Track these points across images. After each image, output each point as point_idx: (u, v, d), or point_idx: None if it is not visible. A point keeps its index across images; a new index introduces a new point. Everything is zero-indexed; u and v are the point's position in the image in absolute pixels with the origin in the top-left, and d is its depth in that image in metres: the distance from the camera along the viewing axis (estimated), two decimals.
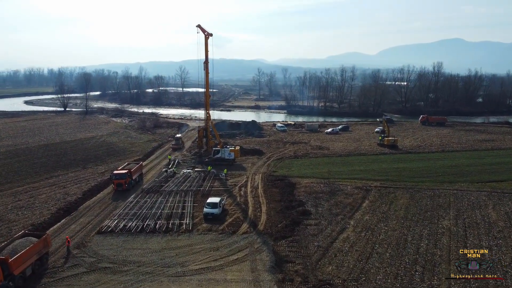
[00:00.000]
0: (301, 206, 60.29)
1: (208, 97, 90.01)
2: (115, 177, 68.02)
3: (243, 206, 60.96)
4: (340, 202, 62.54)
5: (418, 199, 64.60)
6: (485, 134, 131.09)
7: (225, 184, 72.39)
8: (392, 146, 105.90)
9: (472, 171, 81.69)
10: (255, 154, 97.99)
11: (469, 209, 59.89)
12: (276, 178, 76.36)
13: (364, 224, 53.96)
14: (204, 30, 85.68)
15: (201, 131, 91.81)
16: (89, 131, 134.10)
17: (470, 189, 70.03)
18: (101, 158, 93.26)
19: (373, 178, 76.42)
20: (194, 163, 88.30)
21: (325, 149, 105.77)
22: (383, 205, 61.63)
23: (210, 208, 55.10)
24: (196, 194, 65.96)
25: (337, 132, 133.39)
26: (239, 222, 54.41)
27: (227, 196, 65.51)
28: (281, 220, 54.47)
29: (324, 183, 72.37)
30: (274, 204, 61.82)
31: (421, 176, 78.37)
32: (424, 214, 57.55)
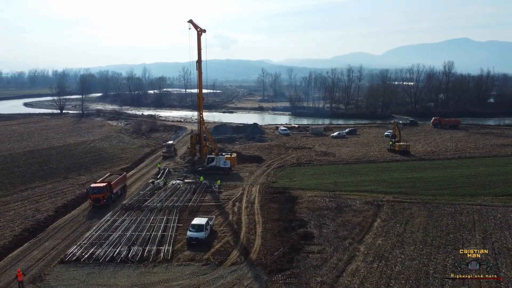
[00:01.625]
0: (303, 226, 52.15)
1: (201, 99, 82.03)
2: (92, 191, 60.18)
3: (235, 226, 52.81)
4: (348, 222, 54.27)
5: (437, 217, 56.15)
6: (503, 138, 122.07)
7: (217, 197, 64.24)
8: (404, 152, 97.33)
9: (494, 182, 73.10)
10: (254, 161, 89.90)
11: (497, 229, 51.43)
12: (276, 190, 68.25)
13: (376, 250, 45.60)
14: (196, 26, 77.80)
15: (193, 136, 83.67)
16: (80, 135, 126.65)
17: (495, 203, 61.53)
18: (86, 167, 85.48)
19: (384, 191, 68.07)
20: (186, 172, 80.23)
21: (330, 155, 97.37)
22: (398, 225, 53.27)
23: (194, 232, 47.01)
24: (183, 212, 57.90)
25: (343, 136, 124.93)
26: (229, 248, 46.23)
27: (218, 213, 57.49)
28: (278, 246, 46.25)
29: (330, 197, 64.14)
30: (271, 223, 53.65)
31: (439, 187, 69.90)
32: (446, 237, 49.11)
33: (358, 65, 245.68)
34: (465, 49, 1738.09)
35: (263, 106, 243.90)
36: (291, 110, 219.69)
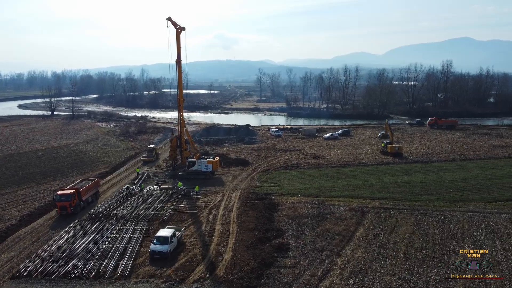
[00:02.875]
0: (279, 237, 48.53)
1: (181, 100, 78.43)
2: (59, 199, 56.58)
3: (207, 237, 49.20)
4: (328, 231, 50.66)
5: (424, 225, 52.51)
6: (501, 139, 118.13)
7: (193, 205, 60.64)
8: (396, 154, 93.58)
9: (489, 186, 69.37)
10: (240, 164, 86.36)
11: (488, 239, 47.69)
12: (257, 196, 64.68)
13: (354, 264, 41.94)
14: (175, 23, 74.26)
15: (173, 139, 79.93)
16: (66, 138, 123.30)
17: (488, 210, 57.81)
18: (63, 171, 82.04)
19: (371, 196, 64.40)
20: (166, 176, 76.69)
21: (320, 158, 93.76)
22: (381, 235, 49.64)
23: (158, 245, 43.36)
24: (153, 221, 54.23)
25: (336, 137, 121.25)
26: (195, 263, 42.61)
27: (191, 223, 53.89)
28: (249, 260, 42.65)
29: (312, 204, 60.55)
30: (246, 234, 50.05)
31: (429, 192, 66.25)
32: (431, 249, 45.41)
33: (356, 64, 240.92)
34: (467, 49, 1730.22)
35: (259, 107, 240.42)
36: (287, 110, 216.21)
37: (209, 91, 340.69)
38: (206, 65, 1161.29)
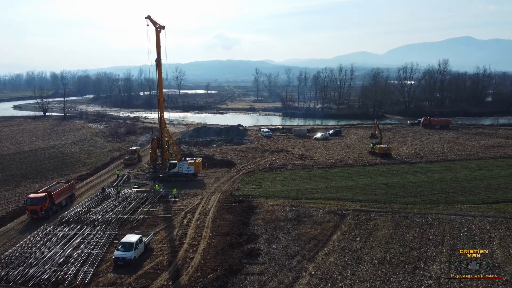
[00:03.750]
0: (252, 242, 46.94)
1: (161, 100, 76.84)
2: (30, 202, 55.03)
3: (177, 243, 47.60)
4: (303, 235, 49.05)
5: (404, 229, 50.87)
6: (494, 139, 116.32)
7: (169, 208, 59.04)
8: (385, 154, 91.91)
9: (475, 188, 67.67)
10: (225, 166, 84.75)
11: (468, 244, 45.96)
12: (236, 199, 63.03)
13: (325, 270, 40.33)
14: (155, 22, 72.67)
15: (154, 141, 78.25)
16: (54, 139, 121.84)
17: (472, 213, 56.13)
18: (43, 173, 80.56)
19: (353, 198, 62.77)
20: (147, 179, 75.10)
21: (307, 159, 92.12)
22: (358, 239, 48.00)
23: (122, 251, 41.78)
24: (125, 225, 52.64)
25: (326, 138, 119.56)
26: (159, 270, 41.01)
27: (164, 227, 52.28)
28: (216, 267, 41.07)
29: (291, 206, 58.95)
30: (218, 239, 48.43)
31: (413, 194, 64.61)
32: (408, 254, 43.74)
33: (351, 63, 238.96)
34: (467, 48, 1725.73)
35: (254, 107, 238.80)
36: (282, 110, 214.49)
37: (205, 91, 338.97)
38: (207, 65, 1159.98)
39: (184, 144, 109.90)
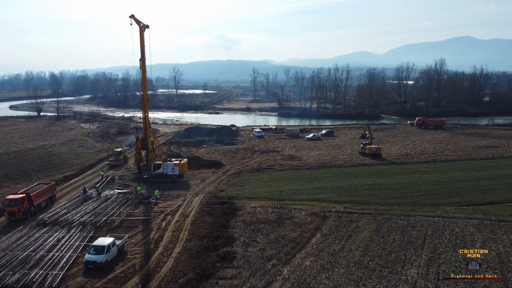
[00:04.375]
0: (228, 244, 46.06)
1: (146, 100, 76.03)
2: (8, 204, 54.25)
3: (152, 246, 46.71)
4: (282, 237, 48.15)
5: (385, 231, 49.95)
6: (488, 139, 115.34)
7: (149, 210, 58.17)
8: (375, 155, 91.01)
9: (463, 189, 66.76)
10: (212, 166, 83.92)
11: (449, 248, 44.99)
12: (219, 200, 62.13)
13: (299, 274, 39.44)
14: (139, 21, 71.87)
15: (138, 141, 77.26)
16: (44, 139, 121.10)
17: (457, 215, 55.17)
18: (28, 174, 79.77)
19: (337, 200, 61.90)
20: (131, 180, 74.24)
21: (296, 159, 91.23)
22: (337, 242, 47.12)
23: (93, 254, 40.93)
24: (102, 228, 51.77)
25: (318, 138, 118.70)
26: (130, 274, 40.15)
27: (141, 230, 51.41)
28: (188, 271, 40.13)
29: (274, 208, 58.07)
30: (195, 242, 47.56)
31: (399, 196, 63.74)
32: (386, 258, 42.83)
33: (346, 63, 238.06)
34: (468, 48, 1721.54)
35: (251, 107, 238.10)
36: (278, 110, 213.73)
37: (203, 91, 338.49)
38: (207, 65, 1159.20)
39: (174, 144, 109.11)
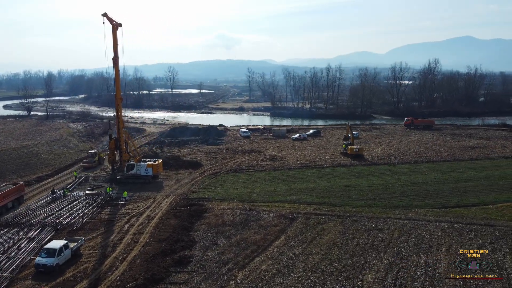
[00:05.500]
0: (187, 248, 45.02)
1: (119, 99, 74.99)
2: None
3: (110, 249, 45.64)
4: (244, 240, 47.06)
5: (350, 234, 48.84)
6: (475, 140, 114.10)
7: (115, 212, 57.09)
8: (356, 155, 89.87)
9: (440, 191, 65.64)
10: (190, 167, 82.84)
11: (412, 252, 43.87)
12: (188, 202, 61.03)
13: (253, 279, 38.39)
14: (111, 19, 70.82)
15: (112, 142, 76.10)
16: (29, 139, 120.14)
17: (428, 217, 54.04)
18: (3, 174, 78.68)
19: (309, 201, 60.85)
20: (105, 181, 73.17)
21: (277, 160, 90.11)
22: (299, 245, 46.05)
23: (44, 257, 39.94)
24: (62, 230, 50.71)
25: (304, 138, 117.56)
26: (80, 277, 39.14)
27: (102, 232, 50.37)
28: (139, 275, 39.06)
29: (243, 210, 57.01)
30: (154, 245, 46.47)
31: (372, 197, 62.61)
32: (346, 262, 41.73)
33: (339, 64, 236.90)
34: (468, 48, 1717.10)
35: (244, 106, 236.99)
36: (271, 110, 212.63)
37: (198, 91, 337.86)
38: (207, 65, 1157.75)
39: (157, 144, 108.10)
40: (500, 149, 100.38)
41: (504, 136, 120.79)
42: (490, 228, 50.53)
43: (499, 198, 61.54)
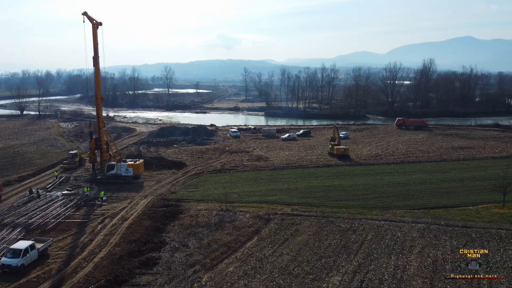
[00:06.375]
0: (156, 250, 44.59)
1: (99, 98, 74.50)
2: None
3: (78, 249, 45.14)
4: (215, 242, 46.54)
5: (324, 235, 48.35)
6: (465, 140, 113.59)
7: (90, 213, 56.58)
8: (342, 156, 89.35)
9: (421, 191, 65.14)
10: (174, 167, 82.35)
11: (384, 254, 43.36)
12: (165, 203, 60.48)
13: (218, 281, 37.86)
14: (91, 18, 70.35)
15: (92, 141, 75.53)
16: (17, 138, 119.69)
17: (405, 219, 53.49)
18: None
19: (288, 202, 60.37)
20: (85, 181, 72.67)
21: (263, 160, 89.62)
22: (270, 246, 45.57)
23: (9, 258, 39.50)
24: (34, 230, 50.25)
25: (294, 138, 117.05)
26: (44, 278, 38.65)
27: (74, 233, 49.88)
28: (103, 277, 38.53)
29: (219, 210, 56.42)
30: (123, 246, 45.94)
31: (351, 198, 62.11)
32: (314, 263, 41.21)
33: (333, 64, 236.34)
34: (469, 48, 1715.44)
35: (239, 106, 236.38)
36: (266, 110, 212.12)
37: (195, 91, 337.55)
38: (207, 64, 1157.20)
39: (144, 144, 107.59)
40: (489, 150, 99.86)
41: (495, 136, 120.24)
42: (467, 229, 49.98)
43: (481, 199, 60.95)
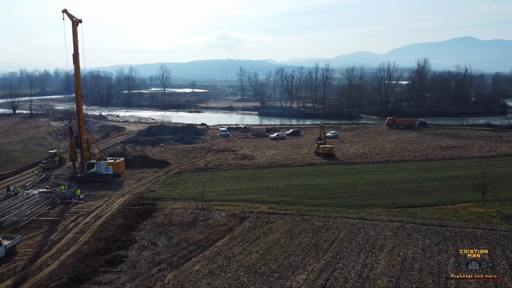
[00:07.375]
0: (124, 248, 44.23)
1: (79, 96, 74.23)
2: None
3: (47, 247, 44.79)
4: (186, 240, 46.19)
5: (296, 233, 48.00)
6: (454, 139, 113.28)
7: (64, 211, 56.23)
8: (328, 155, 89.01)
9: (402, 190, 64.77)
10: (157, 166, 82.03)
11: (353, 252, 42.98)
12: (142, 202, 60.07)
13: (181, 280, 37.47)
14: (71, 16, 70.09)
15: (72, 139, 75.20)
16: (5, 137, 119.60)
17: (380, 217, 53.16)
18: None
19: (266, 200, 60.03)
20: (65, 179, 72.33)
21: (248, 159, 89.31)
22: (241, 244, 45.26)
23: None
24: (5, 228, 49.93)
25: (282, 137, 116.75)
26: (7, 276, 38.33)
27: (45, 231, 49.54)
28: (65, 275, 38.10)
29: (194, 209, 56.10)
30: (92, 244, 45.51)
31: (331, 196, 61.74)
32: (282, 262, 40.83)
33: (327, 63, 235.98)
34: (469, 48, 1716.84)
35: (234, 106, 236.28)
36: (260, 110, 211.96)
37: (191, 90, 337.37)
38: (207, 64, 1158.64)
39: (131, 143, 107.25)
40: (477, 149, 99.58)
41: (484, 136, 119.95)
42: (442, 228, 49.62)
43: (460, 198, 60.66)
